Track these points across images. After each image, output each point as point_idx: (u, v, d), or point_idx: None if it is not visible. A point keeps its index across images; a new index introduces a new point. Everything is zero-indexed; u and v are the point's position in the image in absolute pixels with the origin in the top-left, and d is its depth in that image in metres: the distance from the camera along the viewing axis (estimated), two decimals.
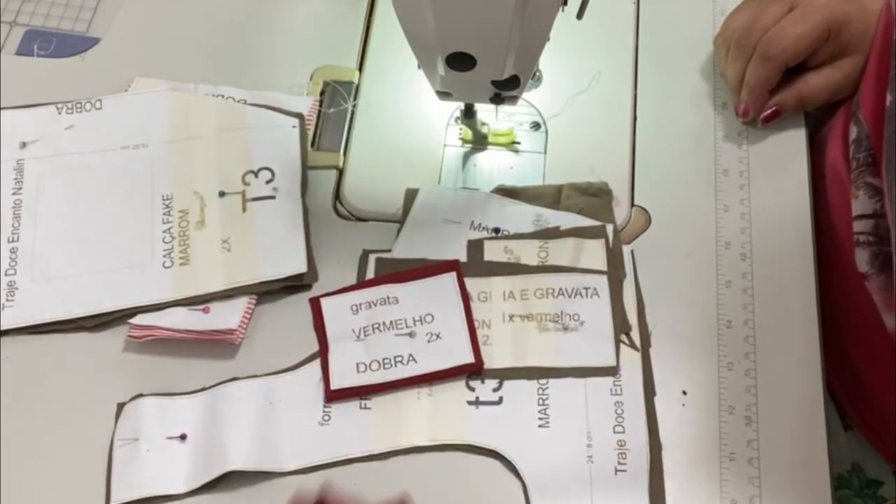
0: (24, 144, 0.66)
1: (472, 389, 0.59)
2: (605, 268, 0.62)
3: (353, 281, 0.63)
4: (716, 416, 0.59)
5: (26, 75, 0.70)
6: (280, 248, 0.63)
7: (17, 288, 0.62)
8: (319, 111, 0.70)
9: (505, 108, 0.68)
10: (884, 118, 0.55)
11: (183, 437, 0.57)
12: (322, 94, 0.70)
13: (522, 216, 0.64)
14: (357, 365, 0.59)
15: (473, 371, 0.59)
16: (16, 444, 0.58)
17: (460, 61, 0.52)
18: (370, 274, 0.63)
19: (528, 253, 0.63)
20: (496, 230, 0.64)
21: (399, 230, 0.64)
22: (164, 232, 0.64)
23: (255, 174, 0.65)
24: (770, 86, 0.66)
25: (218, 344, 0.60)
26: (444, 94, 0.61)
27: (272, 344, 0.61)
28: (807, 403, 0.59)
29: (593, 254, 0.62)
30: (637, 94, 0.70)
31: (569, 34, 0.65)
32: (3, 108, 0.68)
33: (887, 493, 0.68)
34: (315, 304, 0.62)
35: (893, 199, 0.52)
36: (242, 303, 0.61)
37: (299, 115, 0.68)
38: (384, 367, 0.59)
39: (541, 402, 0.58)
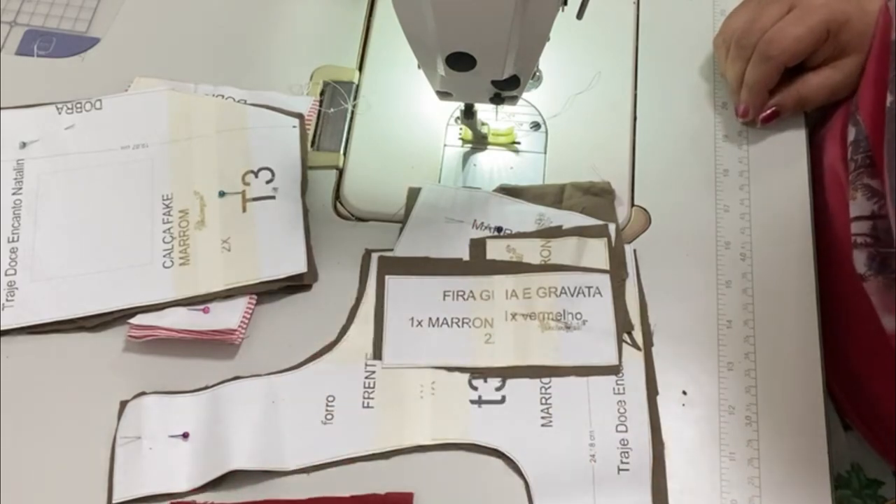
0: (24, 144, 0.66)
1: (475, 388, 0.59)
2: (607, 267, 0.62)
3: (354, 281, 0.63)
4: (716, 416, 0.59)
5: (26, 75, 0.70)
6: (280, 248, 0.63)
7: (17, 288, 0.62)
8: (319, 111, 0.70)
9: (505, 108, 0.68)
10: (883, 119, 0.55)
11: (185, 435, 0.57)
12: (322, 94, 0.70)
13: (525, 215, 0.64)
14: None
15: None
16: (16, 443, 0.58)
17: (460, 61, 0.52)
18: (372, 273, 0.63)
19: (531, 252, 0.63)
20: (498, 229, 0.64)
21: (401, 229, 0.64)
22: (164, 232, 0.64)
23: (255, 174, 0.65)
24: (769, 86, 0.66)
25: (218, 344, 0.60)
26: (444, 94, 0.61)
27: (272, 344, 0.61)
28: (807, 403, 0.59)
29: (595, 253, 0.62)
30: (637, 94, 0.70)
31: (569, 34, 0.65)
32: (3, 108, 0.68)
33: (887, 493, 0.68)
34: None
35: (894, 199, 0.52)
36: (242, 303, 0.61)
37: (299, 115, 0.68)
38: None
39: (543, 400, 0.58)
